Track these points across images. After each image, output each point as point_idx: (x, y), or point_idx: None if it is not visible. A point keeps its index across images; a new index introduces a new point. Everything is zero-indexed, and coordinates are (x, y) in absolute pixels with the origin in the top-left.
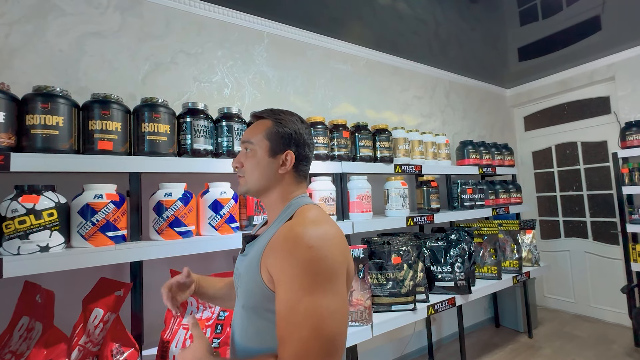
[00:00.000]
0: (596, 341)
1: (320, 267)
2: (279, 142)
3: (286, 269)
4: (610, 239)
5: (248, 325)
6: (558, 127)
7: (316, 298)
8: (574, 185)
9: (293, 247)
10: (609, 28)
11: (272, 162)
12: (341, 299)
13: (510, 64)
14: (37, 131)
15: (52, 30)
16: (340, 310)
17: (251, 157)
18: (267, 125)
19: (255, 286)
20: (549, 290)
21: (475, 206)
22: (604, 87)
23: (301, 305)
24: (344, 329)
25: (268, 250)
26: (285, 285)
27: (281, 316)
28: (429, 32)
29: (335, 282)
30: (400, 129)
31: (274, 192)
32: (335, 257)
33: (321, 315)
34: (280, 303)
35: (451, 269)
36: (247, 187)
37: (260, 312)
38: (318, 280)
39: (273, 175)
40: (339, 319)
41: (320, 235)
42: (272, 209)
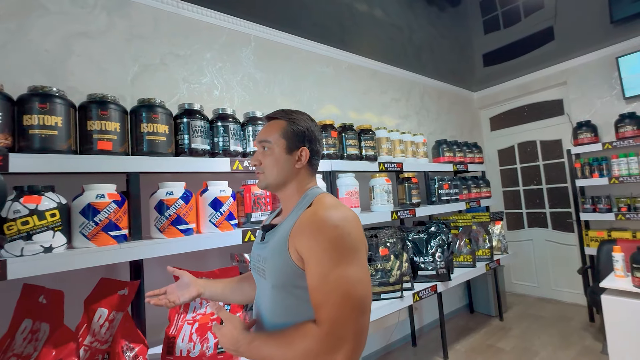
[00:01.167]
0: (557, 320)
1: (346, 242)
2: (294, 139)
3: (315, 246)
4: (567, 227)
5: (279, 302)
6: (520, 127)
7: (345, 268)
8: (534, 180)
9: (321, 227)
10: (561, 38)
11: (289, 158)
12: (365, 269)
13: (476, 69)
14: (36, 131)
15: (37, 29)
16: (365, 277)
17: (269, 155)
18: (282, 125)
19: (285, 265)
20: (515, 277)
21: (451, 200)
22: (558, 91)
23: (332, 275)
24: (370, 293)
25: (295, 232)
26: (315, 260)
27: (314, 287)
28: (404, 38)
29: (359, 255)
30: (383, 129)
31: (290, 185)
32: (357, 234)
33: (350, 282)
34: (312, 276)
35: (432, 258)
36: (267, 182)
37: (289, 289)
38: (345, 253)
39: (290, 170)
40: (365, 285)
41: (343, 217)
42: (289, 199)
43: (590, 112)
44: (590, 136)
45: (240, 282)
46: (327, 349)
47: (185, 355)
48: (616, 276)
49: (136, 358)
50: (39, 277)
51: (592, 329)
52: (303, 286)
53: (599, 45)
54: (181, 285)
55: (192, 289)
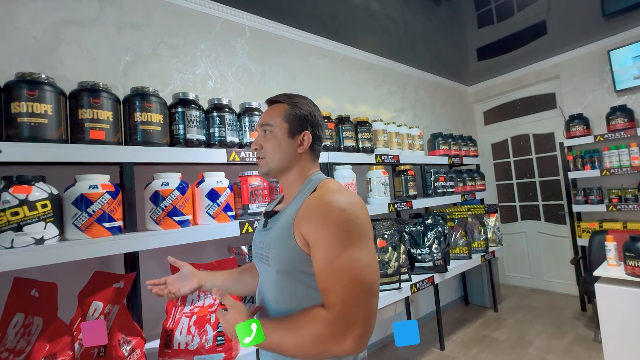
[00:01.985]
0: (550, 310)
1: (353, 226)
2: (296, 123)
3: (322, 230)
4: (559, 219)
5: (284, 288)
6: (513, 121)
7: (352, 252)
8: (527, 173)
9: (327, 211)
10: (554, 32)
11: (292, 142)
12: (372, 252)
13: (470, 63)
14: (24, 120)
15: (24, 16)
16: (373, 261)
17: (271, 138)
18: (284, 109)
19: (290, 250)
20: (509, 269)
21: (447, 193)
22: (551, 85)
23: (340, 259)
24: (378, 277)
25: (300, 217)
26: (322, 244)
27: (322, 271)
28: (399, 31)
29: (366, 239)
30: (379, 122)
31: (293, 170)
32: (365, 218)
33: (358, 266)
34: (319, 260)
35: (429, 250)
36: (269, 167)
37: (294, 274)
38: (352, 236)
39: (292, 154)
40: (373, 268)
41: (349, 201)
42: (292, 185)
43: (582, 105)
44: (582, 129)
45: (242, 274)
46: (337, 333)
47: (184, 348)
48: (609, 265)
49: (133, 351)
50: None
51: (584, 318)
52: (308, 272)
53: (590, 39)
54: (182, 277)
55: (193, 280)
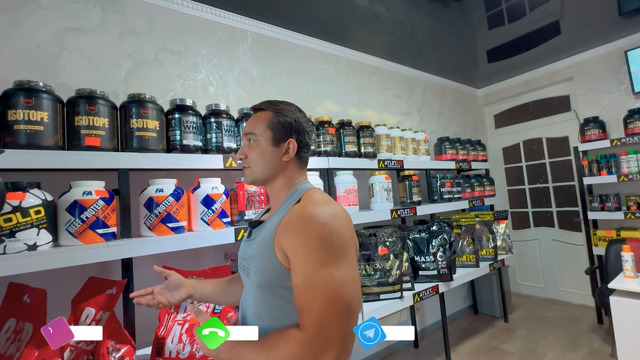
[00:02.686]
0: (564, 321)
1: (335, 241)
2: (280, 131)
3: (302, 244)
4: (574, 226)
5: (262, 303)
6: (525, 125)
7: (332, 269)
8: (540, 178)
9: (308, 224)
10: (568, 32)
11: (276, 150)
12: (354, 269)
13: (480, 65)
14: (21, 127)
15: (28, 24)
16: (354, 278)
17: (255, 147)
18: (268, 116)
19: (270, 264)
20: (521, 277)
21: (453, 199)
22: (564, 87)
23: (319, 276)
24: (359, 295)
25: (281, 229)
26: (302, 259)
27: (300, 288)
28: (406, 33)
29: (348, 254)
30: (382, 126)
31: (279, 179)
32: (347, 232)
33: (338, 284)
34: (298, 276)
35: (434, 258)
36: (253, 176)
37: (273, 289)
38: (333, 252)
39: (277, 163)
40: (354, 286)
41: (332, 214)
42: (278, 194)
43: (598, 107)
44: (598, 133)
45: (231, 283)
46: (311, 355)
47: (175, 357)
48: (625, 277)
49: (122, 359)
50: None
51: (600, 331)
52: (287, 286)
53: (606, 39)
54: (170, 286)
55: (182, 290)
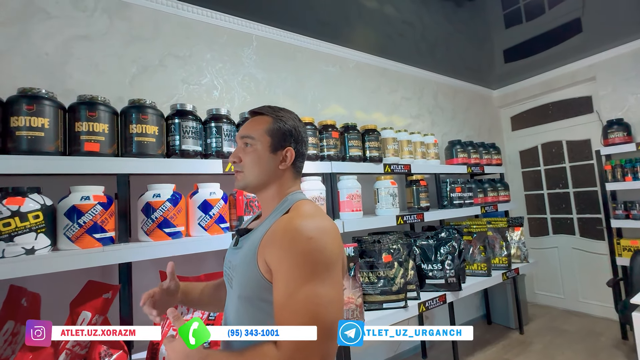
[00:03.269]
0: (585, 335)
1: (320, 258)
2: (280, 138)
3: (286, 259)
4: (596, 234)
5: (243, 315)
6: (544, 127)
7: (315, 286)
8: (560, 183)
9: (293, 238)
10: (589, 30)
11: (273, 158)
12: (338, 288)
13: (496, 65)
14: (22, 133)
15: (38, 34)
16: (338, 298)
17: (251, 152)
18: (268, 122)
19: (252, 276)
20: (539, 286)
21: (464, 204)
22: (586, 87)
23: (301, 294)
24: (341, 316)
25: (266, 241)
26: (284, 274)
27: (280, 304)
28: (416, 34)
29: (333, 271)
30: (389, 129)
31: (271, 187)
32: (333, 249)
33: (320, 303)
34: (279, 292)
35: (441, 266)
36: (246, 181)
37: (255, 302)
38: (317, 269)
39: (273, 171)
40: (336, 307)
41: (319, 228)
42: (268, 203)
43: (623, 109)
44: (622, 135)
45: (217, 289)
46: None
47: None
48: None
49: None
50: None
51: (625, 348)
52: (269, 300)
53: (632, 37)
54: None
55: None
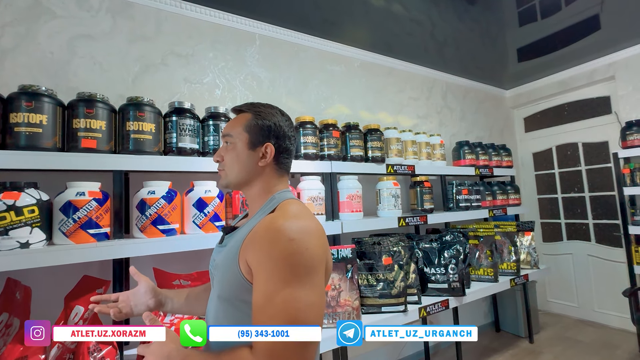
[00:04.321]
0: (599, 347)
1: (301, 260)
2: (258, 134)
3: (266, 260)
4: (614, 241)
5: (222, 315)
6: (558, 128)
7: (294, 290)
8: (575, 186)
9: (274, 239)
10: (609, 27)
11: (252, 154)
12: (319, 292)
13: (509, 64)
14: (21, 129)
15: (44, 33)
16: (317, 302)
17: (231, 150)
18: (247, 118)
19: (232, 276)
20: (551, 294)
21: (471, 207)
22: (604, 87)
23: (279, 297)
24: (320, 322)
25: (248, 241)
26: (263, 276)
27: (258, 306)
28: (425, 33)
29: (314, 275)
30: (393, 129)
31: (255, 185)
32: (316, 251)
33: (298, 307)
34: (257, 293)
35: (445, 270)
36: (228, 180)
37: (235, 302)
38: (298, 272)
39: (253, 168)
40: (315, 312)
41: (302, 229)
42: (254, 201)
43: None
44: None
45: (205, 293)
46: None
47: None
48: None
49: None
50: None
51: None
52: (249, 301)
53: None
54: (137, 294)
55: (150, 299)
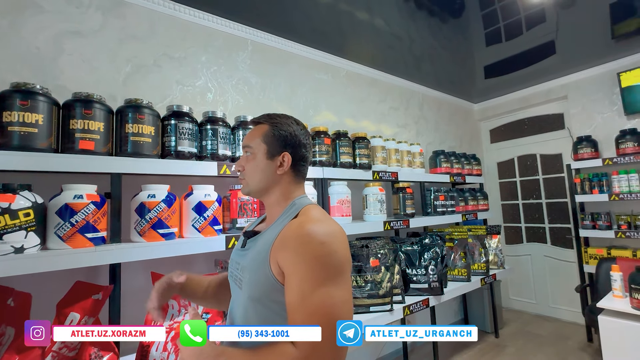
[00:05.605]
0: (555, 339)
1: (332, 261)
2: (275, 144)
3: (299, 262)
4: (566, 243)
5: (253, 315)
6: (520, 140)
7: (328, 288)
8: (534, 194)
9: (306, 243)
10: (562, 52)
11: (270, 164)
12: (348, 289)
13: (477, 80)
14: (15, 128)
15: (29, 27)
16: (348, 298)
17: (251, 160)
18: (264, 130)
19: (264, 278)
20: (513, 292)
21: (447, 212)
22: (559, 105)
23: (315, 296)
24: (352, 315)
25: (278, 245)
26: (298, 277)
27: (294, 306)
28: (404, 47)
29: (344, 274)
30: (378, 138)
31: (274, 192)
32: (343, 252)
33: (333, 304)
34: (293, 294)
35: (425, 271)
36: (249, 188)
37: (266, 302)
38: (330, 272)
39: (272, 176)
40: (347, 307)
41: (330, 232)
42: (274, 207)
43: (591, 127)
44: (590, 151)
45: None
46: None
47: None
48: (614, 296)
49: None
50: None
51: (590, 350)
52: (281, 301)
53: (600, 61)
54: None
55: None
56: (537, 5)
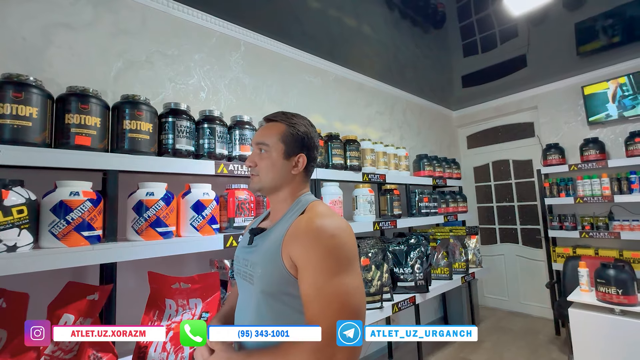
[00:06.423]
0: (525, 333)
1: (343, 252)
2: (293, 145)
3: (312, 255)
4: (536, 243)
5: (266, 309)
6: (494, 147)
7: (341, 278)
8: (507, 197)
9: (317, 236)
10: (533, 65)
11: (286, 164)
12: (359, 277)
13: (455, 89)
14: (7, 121)
15: (15, 16)
16: (361, 286)
17: (266, 158)
18: (282, 129)
19: (277, 271)
20: (487, 290)
21: (430, 213)
22: (529, 114)
23: (329, 286)
24: (364, 300)
25: (289, 239)
26: (312, 269)
27: (310, 298)
28: (389, 54)
29: (354, 264)
30: (367, 141)
31: (284, 190)
32: (352, 244)
33: (347, 292)
34: (307, 286)
35: (412, 270)
36: (261, 184)
37: (279, 296)
38: (342, 263)
39: (286, 175)
40: (361, 292)
41: (339, 226)
42: (281, 204)
43: (558, 135)
44: (558, 158)
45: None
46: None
47: None
48: (582, 290)
49: None
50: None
51: (558, 342)
52: (293, 294)
53: (566, 74)
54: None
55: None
56: (510, 20)
